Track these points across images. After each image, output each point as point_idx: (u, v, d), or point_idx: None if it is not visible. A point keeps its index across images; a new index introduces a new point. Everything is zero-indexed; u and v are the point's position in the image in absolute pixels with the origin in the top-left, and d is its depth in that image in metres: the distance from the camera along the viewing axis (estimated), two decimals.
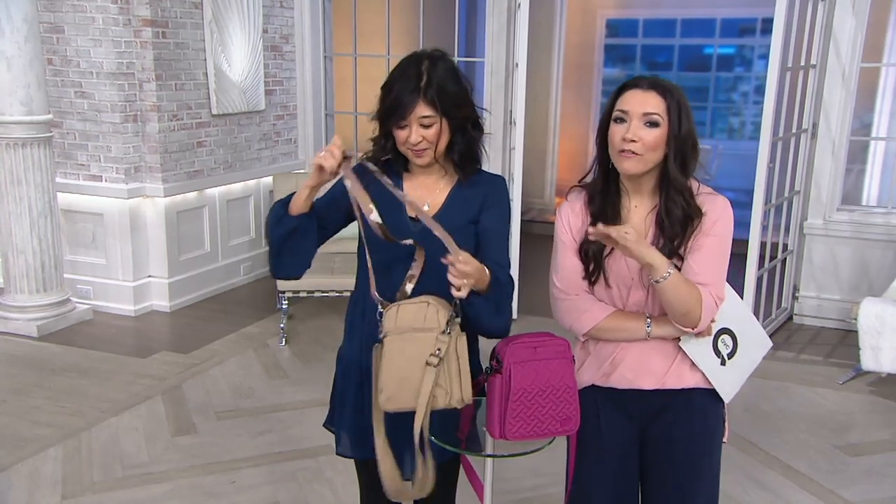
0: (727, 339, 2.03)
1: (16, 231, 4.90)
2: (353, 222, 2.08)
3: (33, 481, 3.36)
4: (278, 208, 1.96)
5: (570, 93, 8.61)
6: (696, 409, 2.03)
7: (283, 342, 4.92)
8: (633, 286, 1.96)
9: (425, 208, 1.95)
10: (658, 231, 1.94)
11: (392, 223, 1.88)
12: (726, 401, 2.05)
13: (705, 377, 2.01)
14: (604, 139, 1.95)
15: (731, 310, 2.03)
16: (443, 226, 1.80)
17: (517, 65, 5.18)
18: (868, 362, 4.27)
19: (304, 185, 1.90)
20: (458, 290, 1.74)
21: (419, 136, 1.91)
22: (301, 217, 1.92)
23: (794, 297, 5.49)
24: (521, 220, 5.61)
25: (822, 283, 5.37)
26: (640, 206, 1.98)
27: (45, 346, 4.80)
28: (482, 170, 2.07)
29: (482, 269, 1.81)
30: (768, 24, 5.10)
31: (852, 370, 4.54)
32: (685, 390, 2.01)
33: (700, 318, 1.90)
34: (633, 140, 1.86)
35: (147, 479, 3.40)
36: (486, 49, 5.95)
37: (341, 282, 4.73)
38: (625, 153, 1.88)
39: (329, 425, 2.23)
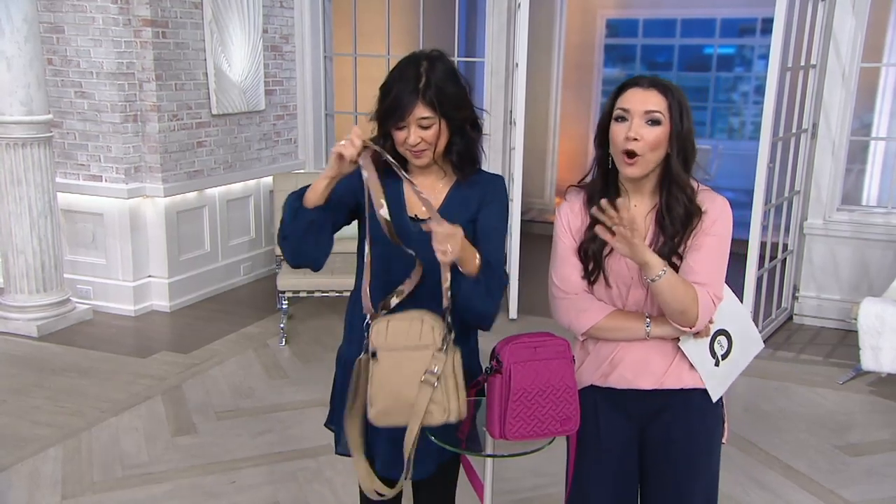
0: (723, 340, 2.03)
1: (16, 231, 4.90)
2: (353, 222, 2.08)
3: (33, 481, 3.36)
4: (293, 201, 1.91)
5: (570, 93, 8.61)
6: (694, 410, 2.04)
7: (283, 342, 4.92)
8: (633, 285, 1.97)
9: (422, 209, 1.95)
10: (658, 230, 1.95)
11: (393, 221, 1.87)
12: (713, 399, 2.05)
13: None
14: (603, 139, 1.95)
15: (730, 311, 2.03)
16: None
17: (517, 65, 5.18)
18: (868, 362, 4.27)
19: (322, 176, 1.86)
20: (443, 255, 1.74)
21: (418, 138, 1.91)
22: (317, 209, 1.89)
23: (794, 297, 5.48)
24: (521, 220, 5.61)
25: (822, 283, 5.37)
26: (639, 206, 1.98)
27: (45, 346, 4.80)
28: (481, 170, 2.07)
29: (468, 244, 1.82)
30: (768, 24, 5.10)
31: (852, 370, 4.54)
32: (684, 390, 2.01)
33: (697, 317, 1.90)
34: (636, 138, 1.86)
35: (147, 479, 3.40)
36: (486, 49, 5.96)
37: (341, 282, 4.73)
38: (628, 160, 1.88)
39: (330, 425, 2.23)
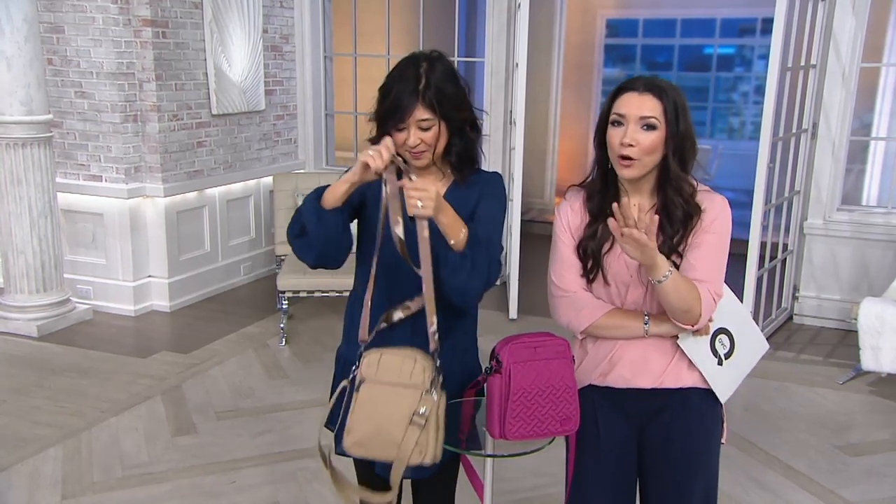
0: (724, 339, 2.03)
1: (16, 231, 4.90)
2: (353, 221, 2.08)
3: (33, 481, 3.36)
4: (314, 204, 1.89)
5: (570, 93, 8.60)
6: (693, 409, 2.03)
7: (283, 342, 4.92)
8: (632, 283, 1.97)
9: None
10: (658, 229, 1.95)
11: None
12: (723, 401, 2.05)
13: (703, 377, 2.01)
14: (602, 140, 1.96)
15: (730, 310, 2.04)
16: None
17: (517, 65, 5.18)
18: (868, 362, 4.27)
19: (344, 180, 1.85)
20: (413, 209, 1.74)
21: (417, 139, 1.91)
22: (336, 211, 1.88)
23: (794, 297, 5.48)
24: (521, 220, 5.60)
25: (822, 283, 5.37)
26: (638, 205, 1.98)
27: (45, 346, 4.80)
28: (480, 169, 2.07)
29: (451, 210, 1.82)
30: (768, 24, 5.10)
31: (852, 370, 4.54)
32: (682, 390, 2.01)
33: (700, 315, 1.90)
34: (631, 144, 1.86)
35: (147, 479, 3.40)
36: (486, 49, 5.97)
37: (341, 282, 4.72)
38: (623, 162, 1.88)
39: (330, 425, 2.23)
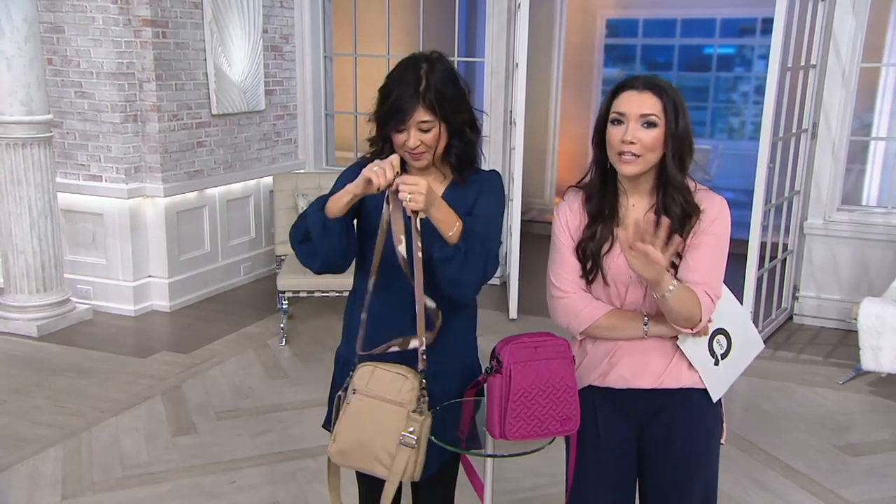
0: (722, 339, 2.03)
1: (16, 231, 4.90)
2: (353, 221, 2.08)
3: (33, 481, 3.36)
4: (318, 213, 1.90)
5: (570, 93, 8.60)
6: (693, 409, 2.03)
7: (283, 342, 4.92)
8: (631, 284, 1.97)
9: None
10: (657, 228, 1.94)
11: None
12: (714, 399, 2.05)
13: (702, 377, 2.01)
14: (600, 140, 1.96)
15: (728, 311, 2.04)
16: None
17: (517, 65, 5.18)
18: (868, 362, 4.27)
19: (346, 191, 1.85)
20: (405, 202, 1.75)
21: (417, 141, 1.92)
22: (339, 220, 1.89)
23: (795, 297, 5.48)
24: (521, 220, 5.60)
25: (822, 283, 5.37)
26: (637, 205, 1.98)
27: (45, 346, 4.80)
28: (479, 168, 2.08)
29: (443, 203, 1.83)
30: (768, 24, 5.10)
31: (852, 370, 4.54)
32: (682, 390, 2.01)
33: (700, 319, 1.91)
34: (632, 142, 1.86)
35: (147, 479, 3.40)
36: (486, 49, 5.97)
37: (341, 282, 4.72)
38: (624, 157, 1.88)
39: (328, 426, 2.23)
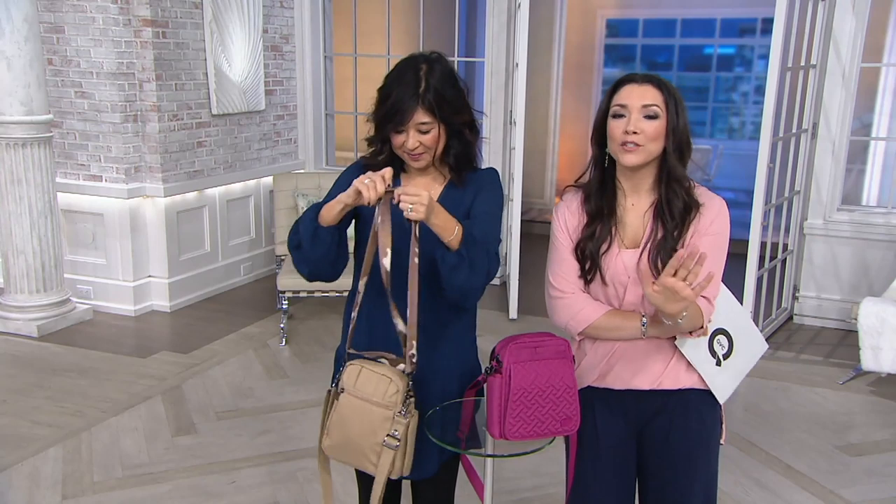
0: (723, 339, 2.02)
1: (16, 231, 4.90)
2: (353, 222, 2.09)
3: (33, 481, 3.36)
4: (311, 222, 1.91)
5: (570, 93, 8.61)
6: (692, 410, 2.03)
7: (283, 342, 4.92)
8: (630, 284, 1.96)
9: None
10: (657, 225, 1.95)
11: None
12: (721, 402, 2.04)
13: (701, 378, 2.01)
14: (600, 138, 1.96)
15: (728, 311, 2.03)
16: None
17: (517, 65, 5.18)
18: (868, 362, 4.27)
19: (338, 200, 1.85)
20: (407, 213, 1.76)
21: (416, 142, 1.92)
22: (331, 228, 1.91)
23: (795, 298, 5.48)
24: (521, 220, 5.60)
25: (822, 283, 5.37)
26: (636, 205, 1.98)
27: (45, 346, 4.80)
28: (477, 167, 2.08)
29: (443, 211, 1.82)
30: (768, 24, 5.11)
31: (852, 370, 4.54)
32: (681, 391, 2.01)
33: (701, 324, 1.92)
34: (635, 132, 1.86)
35: (147, 479, 3.40)
36: (486, 49, 5.97)
37: (341, 282, 4.61)
38: (626, 146, 1.88)
39: None
